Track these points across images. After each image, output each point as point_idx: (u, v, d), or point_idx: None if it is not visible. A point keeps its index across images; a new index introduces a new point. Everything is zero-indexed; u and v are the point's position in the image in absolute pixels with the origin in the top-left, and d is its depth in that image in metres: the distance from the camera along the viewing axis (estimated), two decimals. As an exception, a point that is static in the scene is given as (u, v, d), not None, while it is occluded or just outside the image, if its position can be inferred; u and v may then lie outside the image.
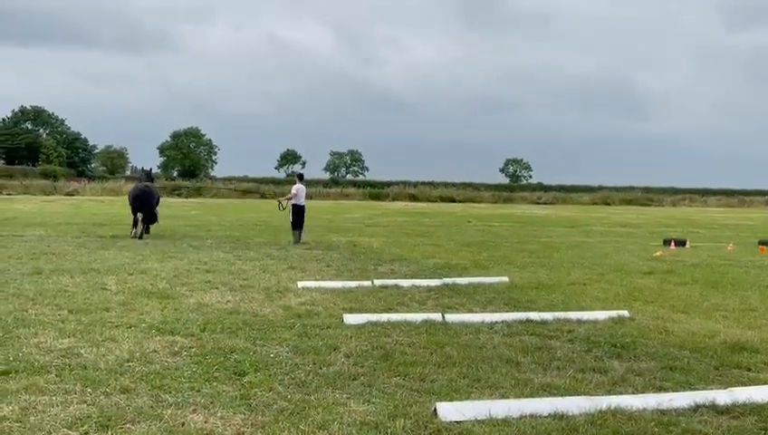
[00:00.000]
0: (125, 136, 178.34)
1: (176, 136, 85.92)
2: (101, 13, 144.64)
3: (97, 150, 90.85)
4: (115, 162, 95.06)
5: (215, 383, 5.37)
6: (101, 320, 7.42)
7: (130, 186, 25.51)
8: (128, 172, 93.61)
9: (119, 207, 34.97)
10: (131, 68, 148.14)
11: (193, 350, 6.33)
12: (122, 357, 6.01)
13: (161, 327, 7.13)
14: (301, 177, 19.12)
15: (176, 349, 6.34)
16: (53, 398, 4.94)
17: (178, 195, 54.34)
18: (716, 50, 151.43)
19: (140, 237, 16.79)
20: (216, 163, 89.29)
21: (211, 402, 4.95)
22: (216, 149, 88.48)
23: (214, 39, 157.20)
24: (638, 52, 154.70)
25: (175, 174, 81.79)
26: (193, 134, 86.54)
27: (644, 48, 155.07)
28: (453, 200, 59.57)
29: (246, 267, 12.00)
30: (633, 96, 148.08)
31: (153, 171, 20.27)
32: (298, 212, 17.46)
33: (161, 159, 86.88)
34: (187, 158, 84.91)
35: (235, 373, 5.63)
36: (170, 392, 5.13)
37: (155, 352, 6.23)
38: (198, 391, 5.19)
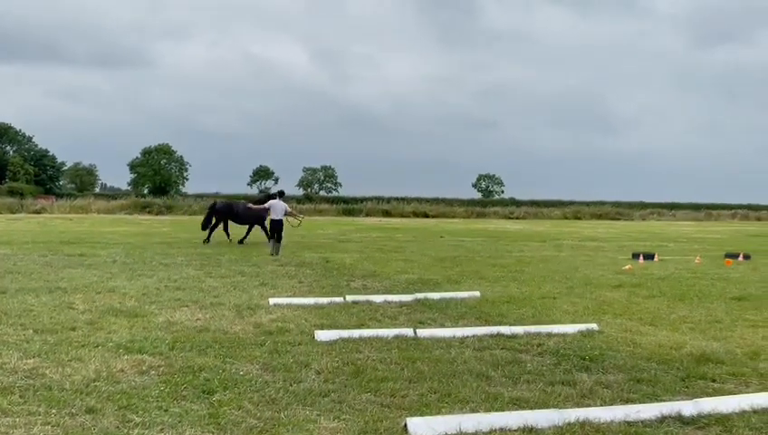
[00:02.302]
0: (94, 153, 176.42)
1: (146, 152, 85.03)
2: (73, 29, 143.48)
3: (65, 168, 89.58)
4: (84, 180, 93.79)
5: (183, 402, 5.31)
6: (67, 339, 7.29)
7: (100, 203, 25.58)
8: (97, 190, 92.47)
9: (87, 225, 34.49)
10: (102, 84, 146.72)
11: (161, 369, 6.25)
12: (88, 377, 5.91)
13: (129, 346, 7.03)
14: (281, 194, 20.61)
15: (143, 368, 6.26)
16: (17, 419, 4.84)
17: (149, 212, 53.70)
18: (686, 67, 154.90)
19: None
20: (187, 180, 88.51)
21: (179, 422, 4.89)
22: (187, 166, 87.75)
23: (187, 56, 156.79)
24: (610, 69, 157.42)
25: (145, 191, 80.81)
26: (164, 150, 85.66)
27: (615, 66, 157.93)
28: (426, 216, 59.71)
29: (217, 284, 11.90)
30: (604, 113, 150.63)
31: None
32: (272, 226, 18.95)
33: (131, 175, 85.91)
34: (158, 174, 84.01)
35: (204, 392, 5.57)
36: (137, 412, 5.05)
37: (122, 371, 6.14)
38: (166, 410, 5.12)
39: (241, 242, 22.09)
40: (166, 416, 5.00)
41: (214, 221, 22.71)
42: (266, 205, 19.92)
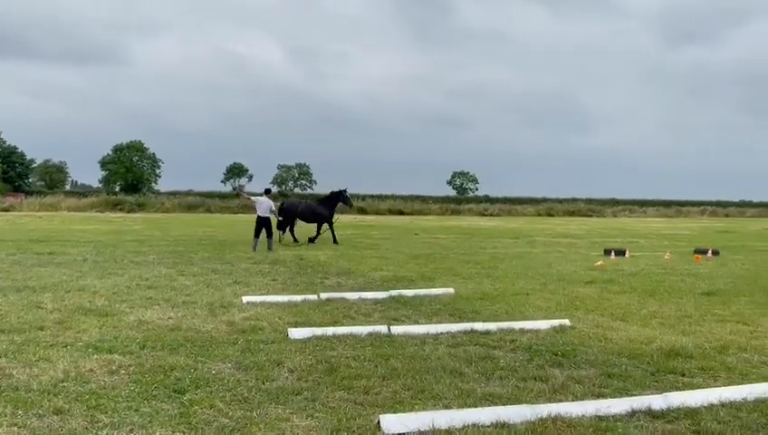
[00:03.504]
0: (65, 150, 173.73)
1: (118, 150, 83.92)
2: (44, 25, 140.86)
3: (35, 165, 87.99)
4: (54, 177, 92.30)
5: (153, 402, 5.24)
6: (35, 339, 7.16)
7: (70, 201, 25.22)
8: (67, 187, 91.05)
9: (57, 223, 33.94)
10: (73, 81, 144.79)
11: (131, 368, 6.17)
12: (56, 377, 5.81)
13: (99, 345, 6.93)
14: (267, 191, 20.88)
15: (113, 368, 6.16)
16: (-19, 422, 4.73)
17: (120, 209, 53.02)
18: (657, 67, 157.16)
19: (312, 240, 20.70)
20: (159, 177, 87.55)
21: (149, 422, 4.82)
22: (159, 163, 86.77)
23: (161, 53, 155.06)
24: (583, 68, 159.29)
25: (117, 188, 79.71)
26: (136, 147, 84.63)
27: (589, 65, 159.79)
28: (401, 213, 59.82)
29: (189, 283, 11.78)
30: (577, 112, 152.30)
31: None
32: (259, 222, 19.14)
33: (103, 173, 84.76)
34: (130, 172, 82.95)
35: (175, 391, 5.50)
36: (106, 412, 4.98)
37: (91, 371, 6.04)
38: (136, 410, 5.06)
39: (311, 240, 21.70)
40: (136, 416, 4.93)
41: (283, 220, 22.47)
42: (253, 200, 20.18)
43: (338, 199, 22.83)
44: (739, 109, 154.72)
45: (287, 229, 22.42)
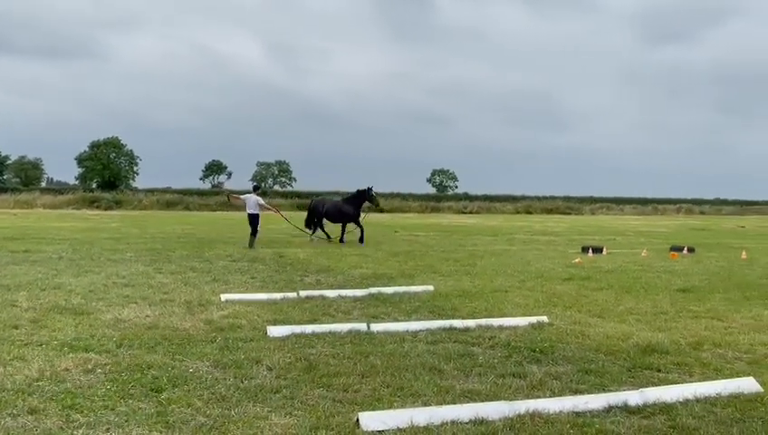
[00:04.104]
0: (40, 146, 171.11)
1: (95, 146, 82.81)
2: (17, 19, 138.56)
3: (9, 161, 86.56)
4: (29, 174, 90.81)
5: (130, 401, 5.19)
6: (9, 338, 7.06)
7: (46, 198, 24.84)
8: (43, 184, 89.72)
9: (32, 220, 33.46)
10: (49, 77, 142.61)
11: (108, 367, 6.10)
12: (31, 376, 5.73)
13: (74, 344, 6.85)
14: (256, 188, 21.04)
15: (89, 366, 6.09)
16: (-47, 422, 4.65)
17: (97, 206, 52.43)
18: (635, 66, 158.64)
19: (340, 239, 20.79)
20: (137, 174, 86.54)
21: (125, 421, 4.77)
22: (137, 160, 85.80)
23: (139, 48, 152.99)
24: (562, 67, 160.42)
25: (94, 185, 78.72)
26: (113, 144, 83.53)
27: (567, 63, 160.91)
28: (381, 210, 59.79)
29: (167, 281, 11.68)
30: (555, 110, 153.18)
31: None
32: (249, 219, 19.41)
33: (79, 169, 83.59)
34: (107, 169, 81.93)
35: (152, 390, 5.45)
36: (82, 412, 4.92)
37: (67, 370, 5.96)
38: (112, 409, 5.00)
39: (341, 240, 21.52)
40: (112, 415, 4.88)
41: (311, 218, 22.32)
42: (242, 199, 20.12)
43: (364, 198, 22.26)
44: (715, 108, 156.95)
45: (317, 227, 22.17)
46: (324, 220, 22.56)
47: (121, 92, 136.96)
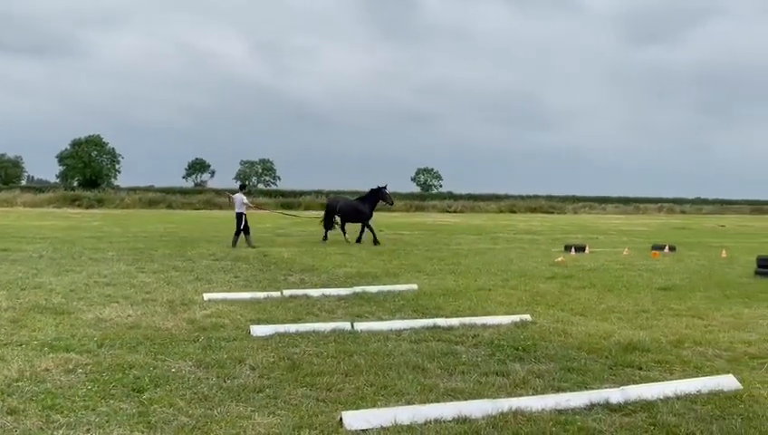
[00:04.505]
0: (20, 144, 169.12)
1: (76, 144, 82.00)
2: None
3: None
4: (9, 172, 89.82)
5: (111, 401, 5.15)
6: (-12, 338, 6.97)
7: (26, 196, 24.53)
8: (23, 182, 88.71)
9: (12, 219, 33.09)
10: (29, 73, 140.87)
11: (89, 367, 6.04)
12: (11, 377, 5.66)
13: (55, 344, 6.78)
14: (242, 187, 20.89)
15: (70, 366, 6.03)
16: (-70, 424, 4.58)
17: (78, 205, 51.94)
18: (618, 66, 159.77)
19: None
20: (119, 172, 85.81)
21: (106, 421, 4.73)
22: (119, 158, 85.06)
23: (122, 46, 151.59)
24: (547, 66, 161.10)
25: (75, 184, 77.95)
26: (95, 142, 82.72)
27: (552, 63, 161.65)
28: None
29: (149, 280, 11.60)
30: (540, 109, 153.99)
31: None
32: (236, 218, 19.24)
33: (60, 168, 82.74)
34: (88, 167, 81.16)
35: (134, 390, 5.41)
36: (62, 412, 4.87)
37: (47, 370, 5.90)
38: (93, 409, 4.96)
39: (357, 241, 20.96)
40: (93, 415, 4.83)
41: (329, 217, 21.84)
42: (233, 198, 19.94)
43: (378, 197, 21.71)
44: (696, 109, 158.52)
45: (332, 226, 21.74)
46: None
47: (104, 90, 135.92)
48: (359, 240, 21.02)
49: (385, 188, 21.73)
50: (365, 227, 21.36)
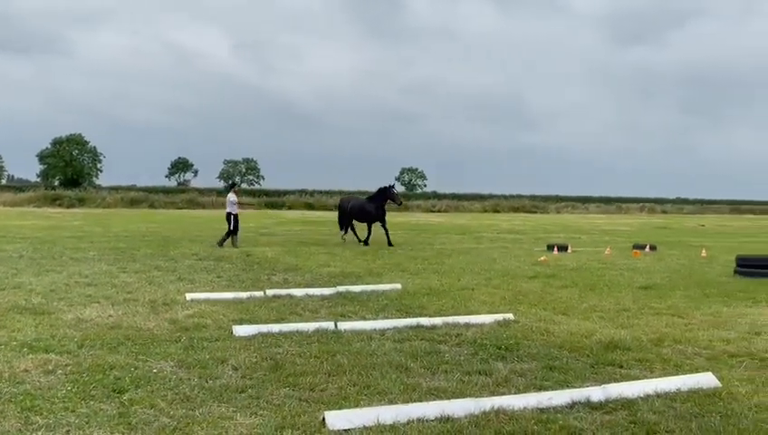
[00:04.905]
0: (0, 143, 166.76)
1: (57, 143, 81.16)
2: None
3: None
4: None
5: (91, 402, 5.10)
6: (-34, 339, 6.88)
7: (6, 196, 24.21)
8: (3, 181, 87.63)
9: (-9, 218, 32.65)
10: (10, 71, 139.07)
11: (69, 368, 5.99)
12: (-11, 378, 5.59)
13: (34, 345, 6.70)
14: (232, 185, 21.24)
15: (50, 367, 5.97)
16: None
17: (59, 204, 51.41)
18: (603, 66, 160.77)
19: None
20: (101, 172, 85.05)
21: (86, 422, 4.69)
22: (101, 157, 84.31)
23: (105, 44, 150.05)
24: (532, 66, 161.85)
25: (56, 183, 77.14)
26: (76, 141, 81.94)
27: (537, 63, 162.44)
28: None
29: (131, 280, 11.50)
30: (524, 109, 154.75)
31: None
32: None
33: (41, 166, 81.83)
34: (70, 166, 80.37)
35: (115, 391, 5.37)
36: (41, 414, 4.82)
37: (26, 371, 5.83)
38: (73, 411, 4.91)
39: (365, 243, 20.42)
40: (73, 417, 4.79)
41: (342, 217, 21.50)
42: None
43: (385, 196, 21.05)
44: (680, 109, 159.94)
45: (349, 225, 21.36)
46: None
47: (86, 89, 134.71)
48: (366, 242, 20.48)
49: (393, 187, 21.16)
50: (371, 228, 20.96)
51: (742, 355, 7.09)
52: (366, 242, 20.51)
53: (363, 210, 21.05)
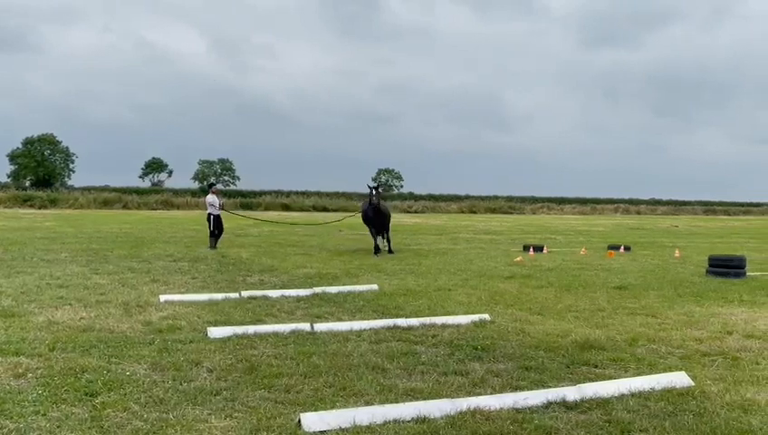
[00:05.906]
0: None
1: (28, 143, 79.88)
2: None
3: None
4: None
5: (63, 406, 5.01)
6: (-67, 343, 6.72)
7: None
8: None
9: (-40, 218, 32.01)
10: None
11: (40, 371, 5.88)
12: (-44, 383, 5.47)
13: (4, 348, 6.58)
14: (210, 186, 20.86)
15: (20, 371, 5.86)
16: None
17: (30, 205, 50.59)
18: (575, 68, 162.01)
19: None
20: (73, 172, 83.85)
21: (58, 426, 4.60)
22: (73, 157, 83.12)
23: (76, 41, 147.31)
24: (506, 67, 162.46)
25: (27, 183, 75.90)
26: (48, 141, 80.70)
27: (511, 64, 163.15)
28: (326, 210, 59.56)
29: (104, 282, 11.34)
30: (499, 110, 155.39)
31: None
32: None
33: (12, 167, 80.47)
34: (41, 166, 79.13)
35: (87, 394, 5.28)
36: (11, 418, 4.73)
37: (-5, 375, 5.72)
38: (44, 414, 4.82)
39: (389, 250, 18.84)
40: (44, 421, 4.70)
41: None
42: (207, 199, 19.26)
43: (368, 197, 19.14)
44: (652, 111, 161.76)
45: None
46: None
47: (57, 87, 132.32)
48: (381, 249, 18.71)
49: (374, 188, 19.07)
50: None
51: (714, 354, 7.19)
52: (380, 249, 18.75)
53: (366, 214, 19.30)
